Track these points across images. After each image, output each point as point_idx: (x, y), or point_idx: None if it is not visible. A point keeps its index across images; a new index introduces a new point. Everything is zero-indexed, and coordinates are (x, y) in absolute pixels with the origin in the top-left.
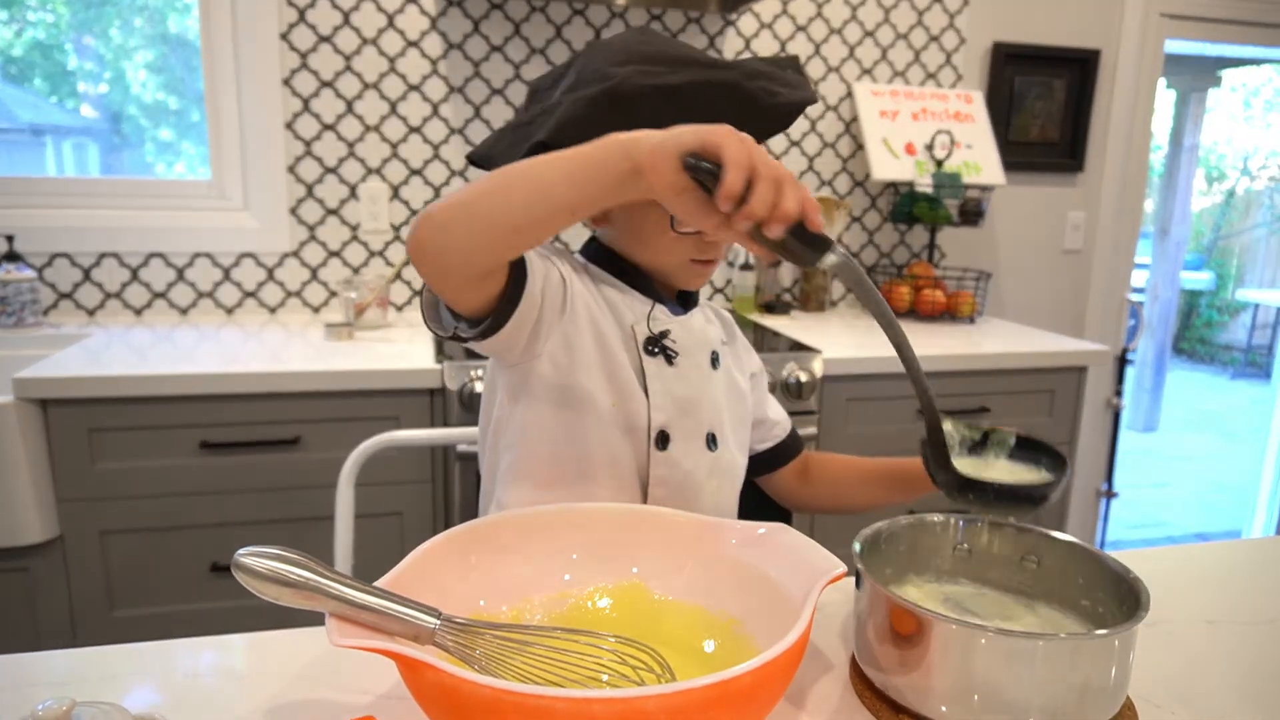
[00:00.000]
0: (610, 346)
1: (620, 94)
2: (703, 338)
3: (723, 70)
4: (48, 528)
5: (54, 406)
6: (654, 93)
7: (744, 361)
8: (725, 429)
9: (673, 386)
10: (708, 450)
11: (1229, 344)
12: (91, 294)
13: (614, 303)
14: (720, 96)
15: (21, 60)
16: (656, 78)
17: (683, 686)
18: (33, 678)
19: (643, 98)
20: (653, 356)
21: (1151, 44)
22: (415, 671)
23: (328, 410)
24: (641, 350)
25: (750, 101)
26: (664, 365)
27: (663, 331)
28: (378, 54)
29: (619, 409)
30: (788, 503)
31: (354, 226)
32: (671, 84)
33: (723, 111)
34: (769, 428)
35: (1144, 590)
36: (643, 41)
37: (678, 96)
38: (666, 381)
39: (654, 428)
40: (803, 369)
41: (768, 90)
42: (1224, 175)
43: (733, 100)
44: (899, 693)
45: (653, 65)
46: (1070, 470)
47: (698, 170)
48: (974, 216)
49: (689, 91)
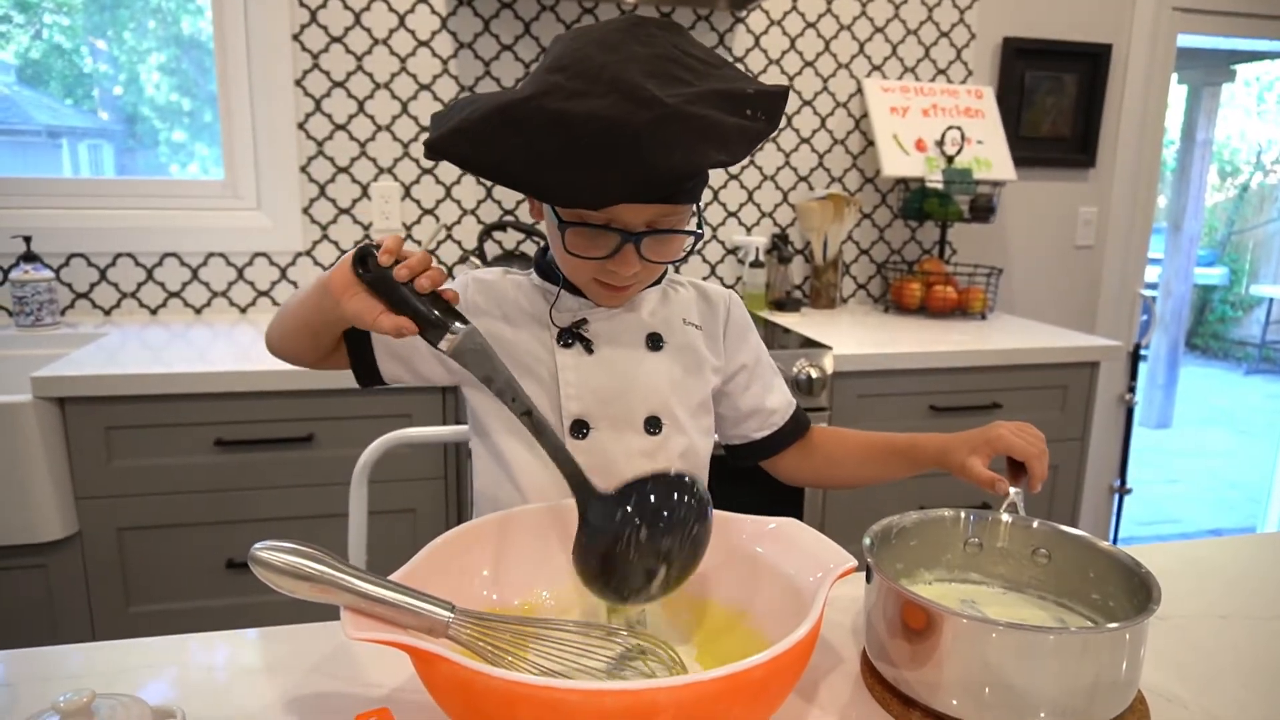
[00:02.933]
0: (522, 350)
1: (514, 113)
2: (637, 320)
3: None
4: (66, 525)
5: (71, 405)
6: (546, 117)
7: (731, 348)
8: (675, 412)
9: (590, 376)
10: (647, 435)
11: (1242, 340)
12: (107, 293)
13: (534, 301)
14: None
15: (38, 64)
16: (566, 100)
17: (694, 679)
18: (52, 671)
19: (535, 121)
20: (567, 347)
21: (1164, 38)
22: (429, 664)
23: (341, 408)
24: (555, 342)
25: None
26: (581, 355)
27: (577, 321)
28: (389, 54)
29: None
30: (791, 480)
31: (366, 226)
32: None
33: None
34: (766, 416)
35: (1155, 584)
36: (614, 46)
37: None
38: (583, 371)
39: (566, 417)
40: (813, 365)
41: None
42: (1237, 170)
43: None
44: (910, 687)
45: (582, 82)
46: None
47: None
48: (985, 213)
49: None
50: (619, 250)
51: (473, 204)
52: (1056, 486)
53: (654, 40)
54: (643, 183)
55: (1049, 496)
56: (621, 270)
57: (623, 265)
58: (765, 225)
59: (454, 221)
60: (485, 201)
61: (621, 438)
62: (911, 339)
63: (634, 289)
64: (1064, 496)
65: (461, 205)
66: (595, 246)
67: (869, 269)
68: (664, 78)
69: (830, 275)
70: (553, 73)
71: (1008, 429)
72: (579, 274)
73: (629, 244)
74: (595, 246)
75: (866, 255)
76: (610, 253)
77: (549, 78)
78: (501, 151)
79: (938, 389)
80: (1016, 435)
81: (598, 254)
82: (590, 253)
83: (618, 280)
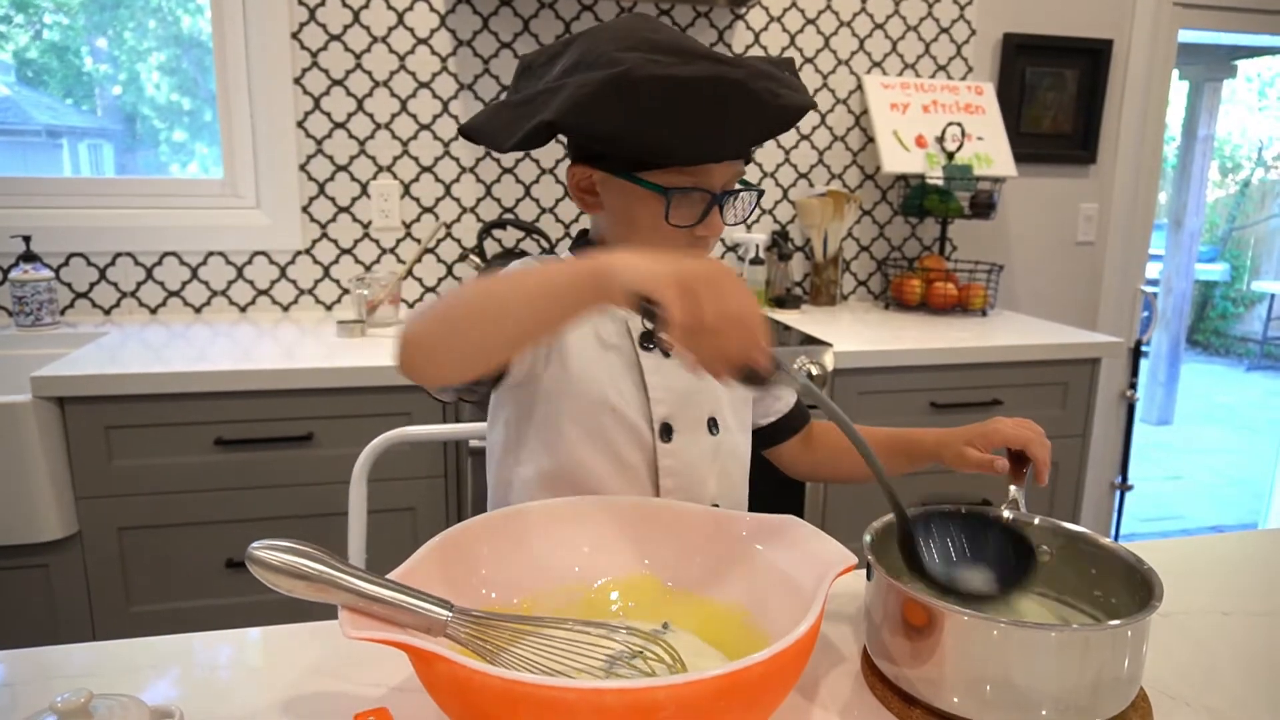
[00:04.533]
0: (606, 349)
1: (629, 81)
2: None
3: (730, 67)
4: (66, 524)
5: (71, 404)
6: (664, 82)
7: None
8: (725, 412)
9: (671, 379)
10: (710, 435)
11: (1244, 336)
12: (107, 293)
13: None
14: (729, 94)
15: (38, 63)
16: (666, 68)
17: (694, 677)
18: (52, 671)
19: (652, 87)
20: (649, 351)
21: (1165, 34)
22: (428, 664)
23: (340, 406)
24: (638, 346)
25: (756, 101)
26: (660, 358)
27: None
28: (388, 52)
29: (622, 408)
30: (792, 472)
31: (365, 224)
32: (682, 75)
33: (730, 108)
34: (771, 402)
35: (1157, 581)
36: (650, 29)
37: (687, 89)
38: (664, 374)
39: (657, 421)
40: (814, 362)
41: (772, 91)
42: (1239, 166)
43: (740, 98)
44: (911, 684)
45: (662, 54)
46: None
47: (649, 316)
48: (985, 209)
49: (698, 85)
50: (708, 211)
51: (472, 202)
52: (1058, 483)
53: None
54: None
55: (1050, 493)
56: (711, 233)
57: (713, 229)
58: (765, 222)
59: (453, 219)
60: (485, 200)
61: (695, 440)
62: (912, 336)
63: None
64: (1065, 493)
65: (461, 203)
66: (692, 213)
67: (869, 266)
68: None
69: (830, 272)
70: (624, 52)
71: (1005, 423)
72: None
73: (716, 206)
74: (692, 213)
75: (867, 252)
76: (701, 215)
77: (624, 55)
78: (624, 119)
79: (938, 386)
80: (1014, 428)
81: (693, 220)
82: (688, 220)
83: (703, 248)
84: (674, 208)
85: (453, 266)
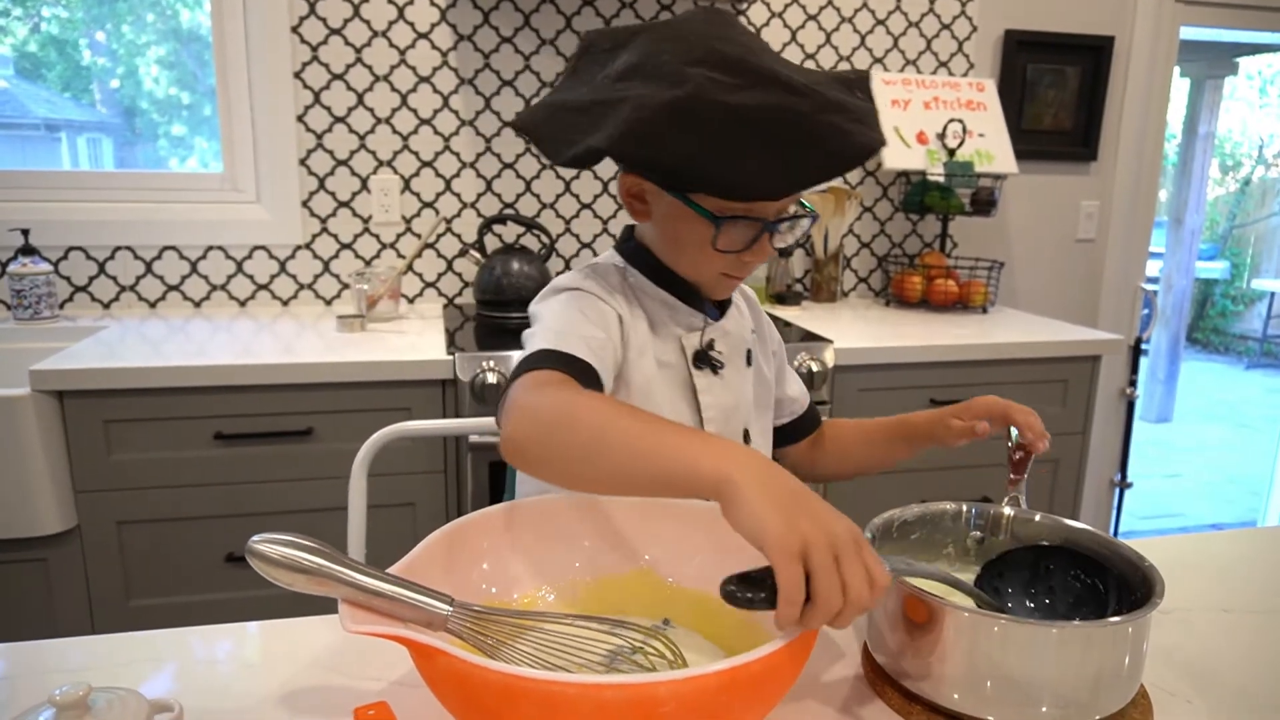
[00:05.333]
0: (662, 367)
1: (687, 110)
2: (739, 339)
3: (798, 97)
4: (65, 518)
5: (70, 398)
6: (723, 112)
7: (768, 344)
8: (754, 423)
9: (720, 396)
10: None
11: (1244, 334)
12: (106, 287)
13: (658, 318)
14: (791, 129)
15: (36, 57)
16: (729, 93)
17: (694, 673)
18: (50, 664)
19: (710, 116)
20: (701, 370)
21: (1166, 31)
22: (428, 658)
23: (340, 401)
24: (691, 364)
25: (818, 139)
26: (712, 376)
27: (709, 343)
28: (388, 46)
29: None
30: (801, 474)
31: (365, 219)
32: (743, 106)
33: (788, 145)
34: (786, 404)
35: (1158, 578)
36: (720, 36)
37: (747, 121)
38: (715, 392)
39: None
40: (814, 359)
41: (839, 129)
42: (1239, 164)
43: (801, 135)
44: (911, 681)
45: (727, 74)
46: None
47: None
48: (986, 206)
49: (758, 118)
50: (757, 239)
51: (472, 197)
52: (1058, 480)
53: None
54: (819, 172)
55: (1050, 490)
56: (757, 260)
57: (759, 254)
58: None
59: (454, 215)
60: (485, 195)
61: None
62: (912, 332)
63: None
64: (1065, 490)
65: (461, 198)
66: (741, 239)
67: (870, 262)
68: (785, 65)
69: (831, 269)
70: (689, 65)
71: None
72: (708, 268)
73: (766, 233)
74: (741, 239)
75: (868, 249)
76: (750, 243)
77: (688, 72)
78: (678, 149)
79: (939, 383)
80: (991, 399)
81: (742, 246)
82: (739, 246)
83: (747, 271)
84: (723, 234)
85: (453, 261)
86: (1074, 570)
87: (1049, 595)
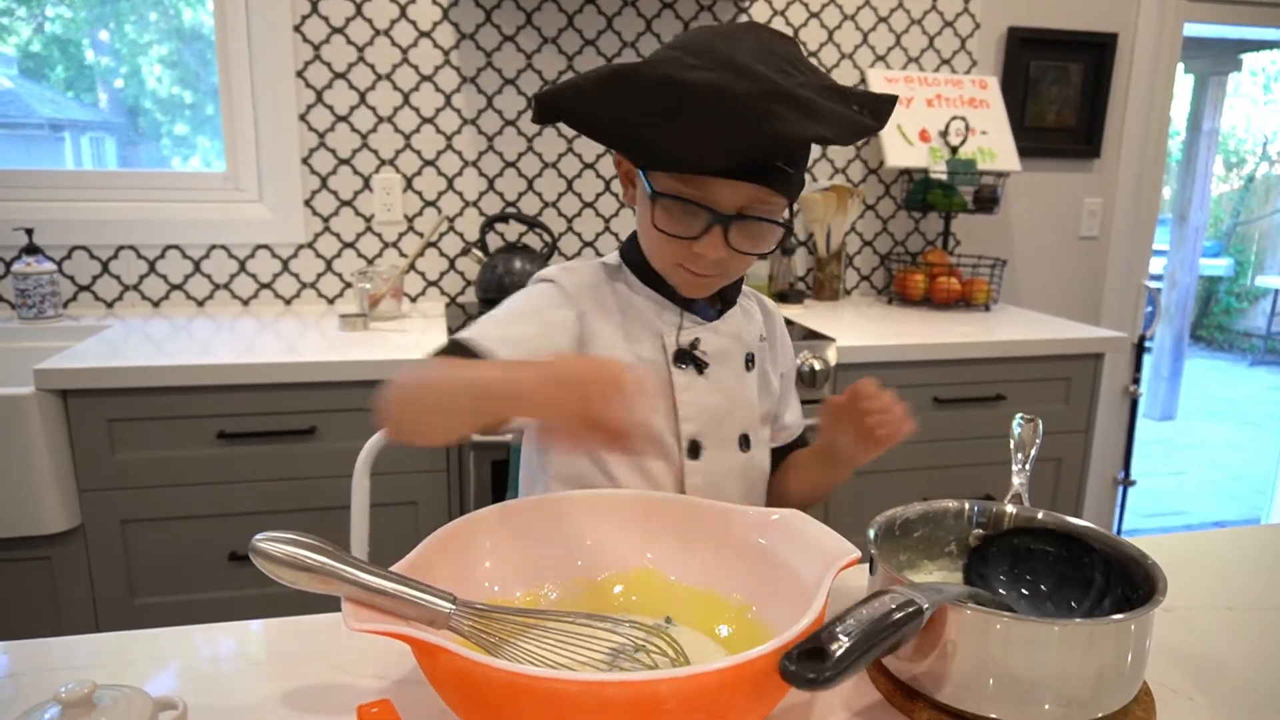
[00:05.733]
0: (640, 363)
1: (629, 76)
2: (738, 341)
3: (746, 81)
4: (69, 517)
5: (74, 397)
6: (661, 81)
7: (779, 360)
8: (757, 428)
9: (703, 396)
10: (740, 452)
11: (1248, 331)
12: (110, 286)
13: (643, 314)
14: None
15: (40, 56)
16: (680, 69)
17: (697, 671)
18: (55, 662)
19: (649, 85)
20: (683, 369)
21: (1170, 27)
22: (430, 656)
23: (343, 400)
24: (671, 363)
25: (748, 121)
26: (694, 376)
27: (692, 342)
28: (390, 45)
29: (651, 425)
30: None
31: (368, 218)
32: (683, 79)
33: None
34: (778, 429)
35: (1161, 575)
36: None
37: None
38: (697, 392)
39: (685, 438)
40: (817, 357)
41: (775, 115)
42: (1243, 161)
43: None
44: (914, 679)
45: (694, 58)
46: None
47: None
48: (989, 203)
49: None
50: (707, 231)
51: (475, 196)
52: (1061, 478)
53: (767, 39)
54: (738, 152)
55: (1053, 488)
56: (707, 254)
57: (709, 248)
58: None
59: (456, 213)
60: (487, 193)
61: (724, 456)
62: (915, 331)
63: (717, 281)
64: (1068, 488)
65: (463, 197)
66: (685, 225)
67: (872, 260)
68: (772, 66)
69: (834, 267)
70: (671, 49)
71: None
72: (664, 257)
73: (718, 226)
74: (685, 225)
75: (870, 247)
76: (699, 233)
77: (667, 52)
78: (611, 108)
79: (942, 381)
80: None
81: (686, 233)
82: (678, 231)
83: (700, 266)
84: (665, 213)
85: (455, 260)
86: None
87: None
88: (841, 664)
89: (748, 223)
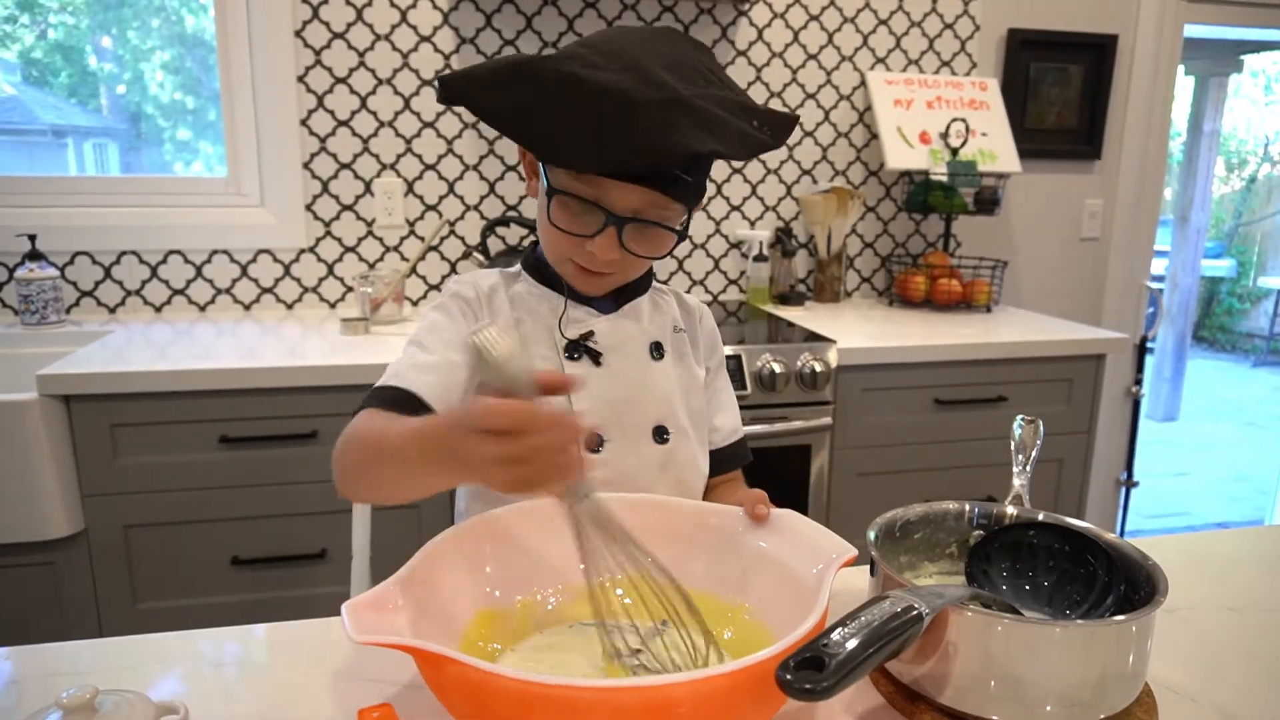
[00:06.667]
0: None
1: (528, 68)
2: (639, 332)
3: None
4: (72, 522)
5: (77, 402)
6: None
7: (703, 354)
8: (681, 420)
9: (602, 387)
10: (655, 444)
11: (1250, 332)
12: (112, 291)
13: (537, 312)
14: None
15: (43, 63)
16: (585, 68)
17: (710, 673)
18: (58, 667)
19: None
20: (575, 360)
21: (1170, 28)
22: (436, 666)
23: (345, 404)
24: (562, 355)
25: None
26: (590, 367)
27: (585, 334)
28: (391, 49)
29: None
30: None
31: (369, 222)
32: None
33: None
34: (711, 431)
35: (1162, 576)
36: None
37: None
38: (593, 384)
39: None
40: (818, 359)
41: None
42: (1245, 161)
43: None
44: (915, 681)
45: (602, 59)
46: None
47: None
48: (990, 205)
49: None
50: (601, 231)
51: (475, 199)
52: (1063, 479)
53: (681, 48)
54: (634, 157)
55: (1055, 489)
56: (599, 254)
57: (602, 249)
58: (769, 219)
59: (457, 217)
60: (488, 197)
61: (635, 449)
62: (916, 332)
63: (612, 279)
64: (1070, 489)
65: (464, 201)
66: (580, 223)
67: (873, 262)
68: (680, 75)
69: (834, 269)
70: (579, 46)
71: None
72: (558, 251)
73: (611, 227)
74: (580, 223)
75: (871, 248)
76: (593, 233)
77: (575, 49)
78: (508, 98)
79: (943, 382)
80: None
81: (581, 231)
82: (573, 228)
83: (593, 264)
84: (561, 209)
85: (456, 264)
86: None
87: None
88: (839, 673)
89: (643, 226)
